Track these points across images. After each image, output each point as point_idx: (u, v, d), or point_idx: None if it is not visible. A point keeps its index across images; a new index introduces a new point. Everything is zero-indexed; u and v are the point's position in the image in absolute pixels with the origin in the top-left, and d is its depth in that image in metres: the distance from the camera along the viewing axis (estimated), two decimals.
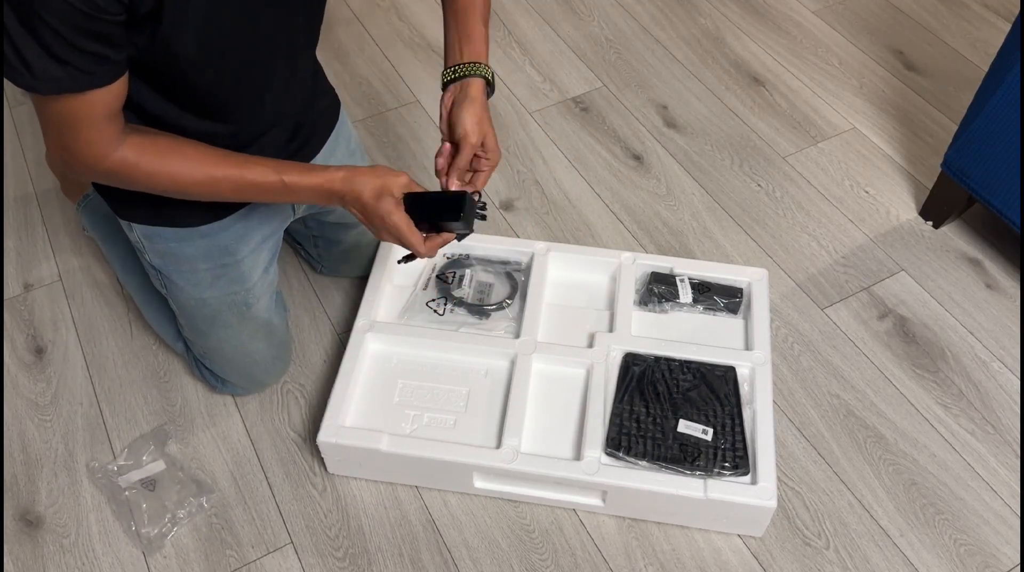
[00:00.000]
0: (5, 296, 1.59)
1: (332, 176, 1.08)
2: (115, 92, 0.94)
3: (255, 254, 1.29)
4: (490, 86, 1.17)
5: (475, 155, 1.15)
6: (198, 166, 1.04)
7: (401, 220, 1.08)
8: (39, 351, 1.52)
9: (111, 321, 1.55)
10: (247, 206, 1.25)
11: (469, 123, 1.12)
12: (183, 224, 1.21)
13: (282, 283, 1.57)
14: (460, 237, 1.15)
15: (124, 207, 1.21)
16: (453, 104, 1.15)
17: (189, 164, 1.04)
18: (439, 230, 1.12)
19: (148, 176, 1.03)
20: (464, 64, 1.15)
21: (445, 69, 1.17)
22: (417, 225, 1.10)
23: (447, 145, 1.16)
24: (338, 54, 2.03)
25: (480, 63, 1.15)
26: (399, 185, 1.09)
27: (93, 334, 1.53)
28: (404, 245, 1.11)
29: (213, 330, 1.32)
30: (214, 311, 1.30)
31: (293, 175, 1.07)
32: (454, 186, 1.15)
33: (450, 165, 1.15)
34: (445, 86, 1.16)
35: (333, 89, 1.37)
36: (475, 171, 1.17)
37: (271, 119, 1.19)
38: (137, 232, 1.23)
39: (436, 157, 1.17)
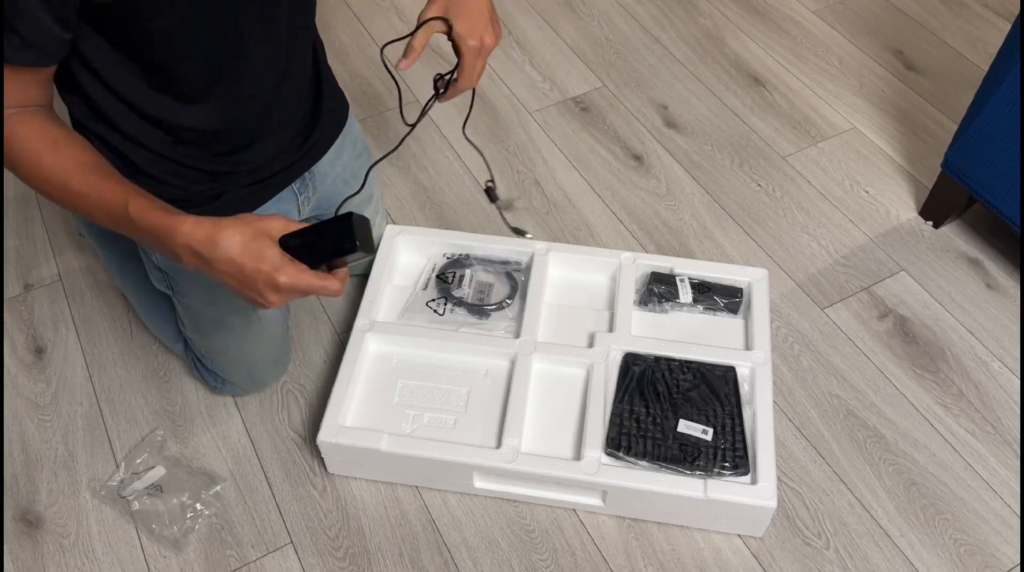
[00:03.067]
0: (5, 296, 1.59)
1: (183, 219, 0.90)
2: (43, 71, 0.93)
3: None
4: None
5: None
6: (61, 164, 0.95)
7: (291, 267, 0.91)
8: (39, 351, 1.52)
9: (111, 321, 1.55)
10: (257, 209, 1.24)
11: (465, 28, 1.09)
12: None
13: None
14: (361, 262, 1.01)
15: None
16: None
17: (56, 158, 0.95)
18: (333, 268, 0.97)
19: (15, 154, 0.94)
20: None
21: None
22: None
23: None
24: (338, 54, 2.03)
25: None
26: (275, 228, 0.92)
27: (93, 334, 1.53)
28: (303, 293, 0.94)
29: (218, 331, 1.32)
30: (220, 313, 1.30)
31: (141, 205, 0.92)
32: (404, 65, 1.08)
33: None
34: None
35: (342, 92, 1.36)
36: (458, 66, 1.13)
37: (262, 108, 1.16)
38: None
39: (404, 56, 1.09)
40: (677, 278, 1.45)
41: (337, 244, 0.93)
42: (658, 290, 1.44)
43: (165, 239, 0.92)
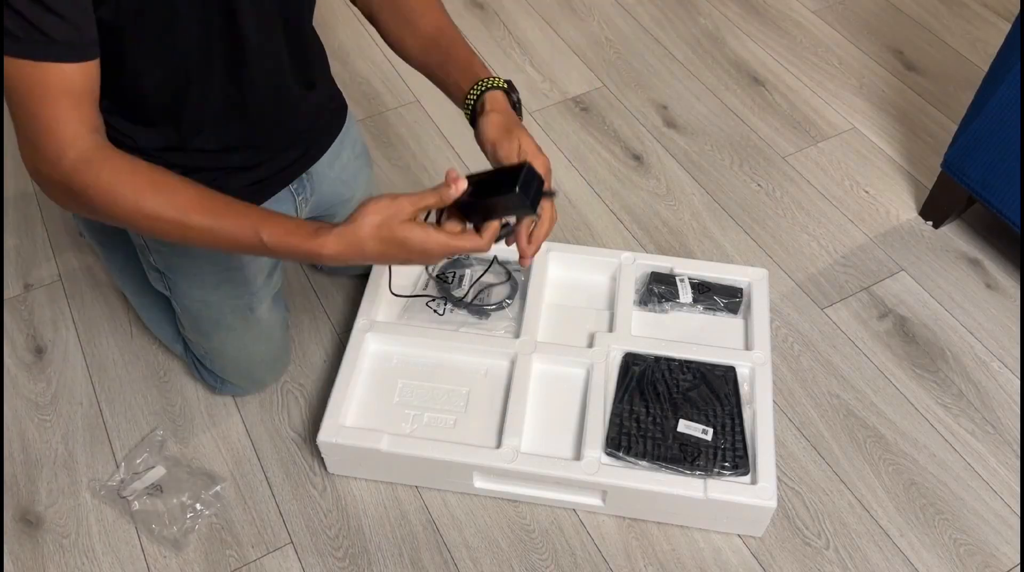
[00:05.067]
0: (5, 296, 1.59)
1: (324, 241, 0.92)
2: (82, 71, 0.88)
3: (259, 260, 1.29)
4: (509, 94, 1.07)
5: None
6: (171, 202, 0.93)
7: (433, 240, 0.93)
8: (39, 351, 1.52)
9: (111, 321, 1.55)
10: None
11: (492, 133, 1.02)
12: None
13: (283, 283, 1.57)
14: (516, 222, 0.99)
15: None
16: (480, 129, 1.04)
17: (161, 196, 0.93)
18: (493, 216, 0.97)
19: (108, 194, 0.91)
20: (474, 88, 1.06)
21: (467, 111, 1.07)
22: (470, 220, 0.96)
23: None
24: (338, 54, 2.03)
25: (487, 78, 1.06)
26: (406, 211, 0.93)
27: (93, 334, 1.54)
28: (454, 253, 0.96)
29: (216, 332, 1.32)
30: (218, 314, 1.30)
31: (275, 234, 0.93)
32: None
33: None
34: (474, 123, 1.06)
35: (341, 92, 1.36)
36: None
37: (259, 107, 1.14)
38: (144, 235, 1.22)
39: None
40: (677, 278, 1.45)
41: (497, 187, 0.94)
42: (658, 290, 1.44)
43: (311, 258, 0.95)
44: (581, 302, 1.46)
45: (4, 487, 1.35)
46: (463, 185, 0.95)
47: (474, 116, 1.07)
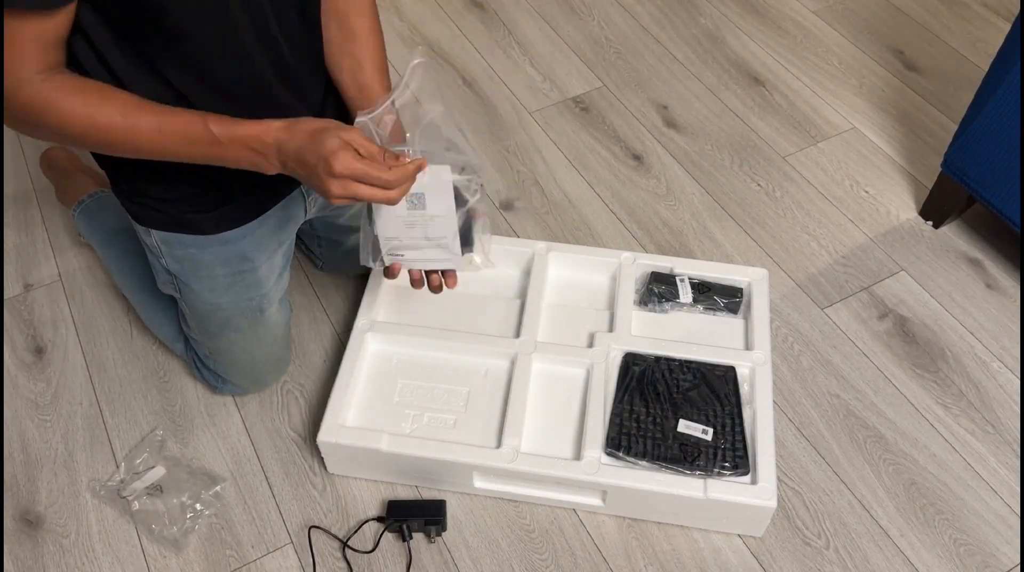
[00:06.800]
0: (5, 296, 1.59)
1: (268, 125, 0.98)
2: (54, 20, 0.91)
3: (271, 260, 1.29)
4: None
5: None
6: (118, 109, 0.97)
7: (346, 155, 0.94)
8: (39, 351, 1.52)
9: (111, 321, 1.55)
10: (264, 214, 1.24)
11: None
12: (203, 231, 1.20)
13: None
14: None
15: (143, 213, 1.20)
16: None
17: (108, 106, 0.97)
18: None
19: (61, 115, 0.96)
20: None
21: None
22: None
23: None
24: None
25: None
26: (348, 131, 0.97)
27: (93, 334, 1.54)
28: (358, 180, 0.95)
29: (224, 333, 1.32)
30: (228, 315, 1.30)
31: (222, 124, 0.98)
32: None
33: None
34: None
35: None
36: None
37: (267, 106, 1.13)
38: (155, 237, 1.22)
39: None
40: (677, 278, 1.45)
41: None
42: (658, 290, 1.44)
43: (254, 144, 0.98)
44: (581, 302, 1.46)
45: (4, 487, 1.35)
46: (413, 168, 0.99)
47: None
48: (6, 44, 0.91)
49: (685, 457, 1.24)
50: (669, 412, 1.29)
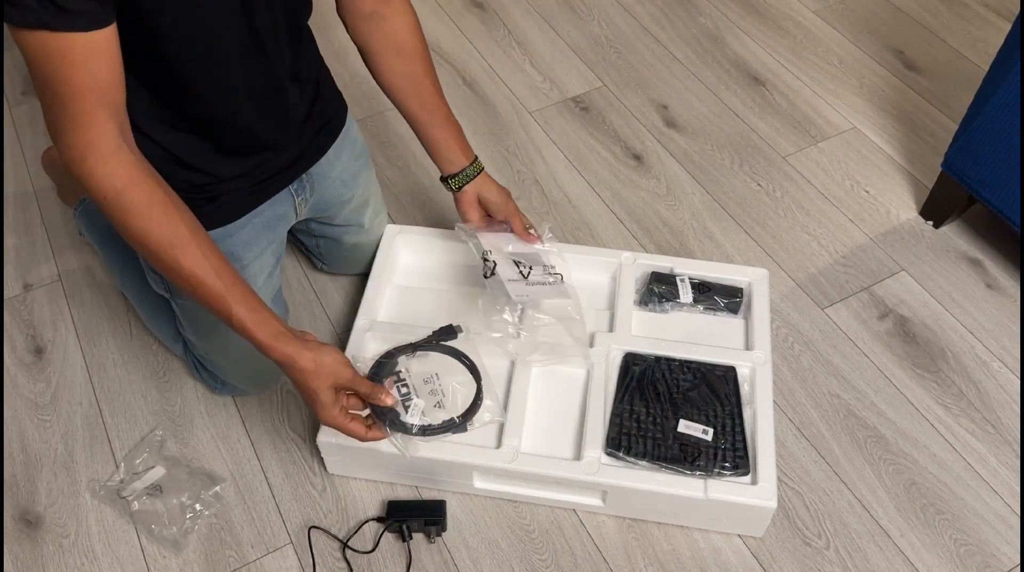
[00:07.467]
0: (5, 296, 1.59)
1: (275, 343, 1.06)
2: (105, 52, 0.92)
3: (260, 259, 1.29)
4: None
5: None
6: (170, 231, 1.00)
7: (327, 412, 1.10)
8: (39, 351, 1.51)
9: (111, 321, 1.55)
10: (254, 210, 1.24)
11: (498, 201, 1.36)
12: None
13: (282, 283, 1.57)
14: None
15: None
16: (479, 199, 1.35)
17: (162, 227, 1.00)
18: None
19: (120, 210, 0.98)
20: (470, 168, 1.33)
21: (452, 176, 1.32)
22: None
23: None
24: (338, 54, 2.03)
25: (476, 161, 1.34)
26: (343, 376, 1.09)
27: (93, 334, 1.53)
28: (332, 424, 1.12)
29: (215, 333, 1.32)
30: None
31: (244, 313, 1.04)
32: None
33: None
34: (460, 188, 1.33)
35: (341, 93, 1.36)
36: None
37: (257, 110, 1.15)
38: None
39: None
40: (677, 278, 1.45)
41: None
42: (658, 290, 1.43)
43: (263, 347, 1.07)
44: (581, 302, 1.46)
45: (4, 487, 1.35)
46: (390, 401, 1.14)
47: (463, 186, 1.33)
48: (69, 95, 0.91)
49: (685, 457, 1.24)
50: (669, 412, 1.29)
